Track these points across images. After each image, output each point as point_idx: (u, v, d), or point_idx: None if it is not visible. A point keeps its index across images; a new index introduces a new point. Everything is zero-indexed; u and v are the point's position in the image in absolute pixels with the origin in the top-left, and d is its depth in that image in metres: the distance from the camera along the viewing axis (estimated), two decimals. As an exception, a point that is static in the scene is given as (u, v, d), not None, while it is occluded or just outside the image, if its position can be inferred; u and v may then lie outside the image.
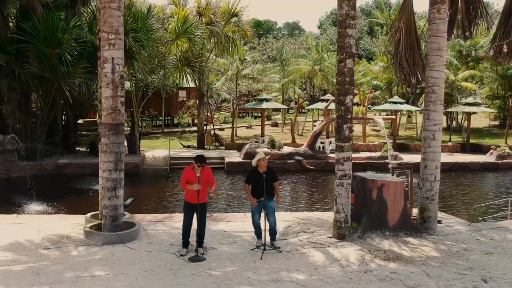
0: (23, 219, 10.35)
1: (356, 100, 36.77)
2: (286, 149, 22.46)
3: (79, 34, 19.19)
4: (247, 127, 37.35)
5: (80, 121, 15.35)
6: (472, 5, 10.39)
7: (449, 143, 28.47)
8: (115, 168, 8.74)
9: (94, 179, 18.21)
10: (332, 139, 25.93)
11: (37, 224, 9.88)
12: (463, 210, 15.11)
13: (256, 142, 25.08)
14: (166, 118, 38.13)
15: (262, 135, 27.23)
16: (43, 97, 20.20)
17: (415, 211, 10.33)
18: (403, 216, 9.26)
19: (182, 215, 8.24)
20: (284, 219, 10.45)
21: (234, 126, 30.58)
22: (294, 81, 30.67)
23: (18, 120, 20.13)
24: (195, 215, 8.00)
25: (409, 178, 10.65)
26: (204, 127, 29.38)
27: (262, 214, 8.36)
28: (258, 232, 8.45)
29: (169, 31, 21.91)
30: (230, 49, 25.84)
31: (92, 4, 22.95)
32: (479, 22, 10.60)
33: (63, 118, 24.27)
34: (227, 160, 21.97)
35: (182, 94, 38.64)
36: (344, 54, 8.60)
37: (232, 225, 9.98)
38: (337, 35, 8.84)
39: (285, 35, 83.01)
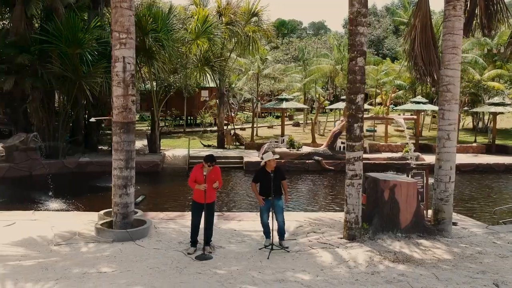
0: (39, 216, 10.55)
1: (378, 100, 36.38)
2: (305, 149, 22.32)
3: (100, 34, 19.50)
4: (269, 127, 37.32)
5: (92, 119, 15.52)
6: (492, 1, 10.10)
7: (474, 144, 27.82)
8: (126, 166, 8.83)
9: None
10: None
11: (52, 220, 10.06)
12: (485, 213, 14.72)
13: (276, 142, 25.02)
14: (188, 118, 38.40)
15: (282, 135, 27.15)
16: (65, 96, 20.57)
17: (430, 212, 10.11)
18: (416, 218, 9.08)
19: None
20: (295, 219, 10.38)
21: (255, 125, 30.58)
22: (315, 80, 30.44)
23: (41, 119, 20.55)
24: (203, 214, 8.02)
25: (425, 179, 10.44)
26: (225, 127, 29.47)
27: (271, 213, 8.34)
28: (266, 231, 8.42)
29: (189, 31, 22.04)
30: (251, 49, 25.83)
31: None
32: (500, 19, 10.29)
33: (86, 118, 24.62)
34: (245, 159, 21.97)
35: (205, 94, 38.81)
36: (355, 52, 8.48)
37: (243, 224, 9.96)
38: (348, 33, 8.72)
39: (310, 34, 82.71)
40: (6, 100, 21.46)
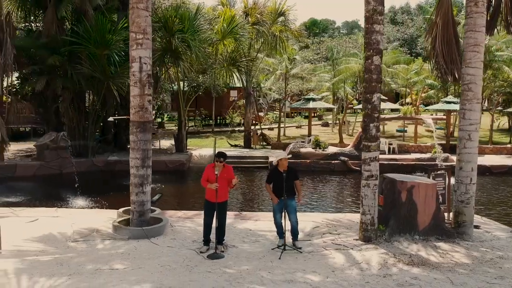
0: (61, 213, 10.82)
1: (409, 99, 35.66)
2: (331, 149, 22.11)
3: (127, 35, 19.82)
4: (297, 127, 37.17)
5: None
6: (518, -3, 9.75)
7: (509, 145, 26.91)
8: (142, 165, 8.96)
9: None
10: (382, 139, 25.28)
11: (73, 217, 10.31)
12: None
13: (302, 141, 24.88)
14: (217, 118, 38.67)
15: (309, 135, 26.99)
16: (95, 96, 21.06)
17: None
18: (435, 220, 8.85)
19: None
20: (312, 219, 10.29)
21: (282, 125, 30.48)
22: (344, 80, 30.11)
23: (72, 119, 21.10)
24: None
25: (447, 180, 10.18)
26: (253, 127, 29.53)
27: (285, 213, 8.30)
28: (279, 231, 8.38)
29: (214, 31, 22.19)
30: (278, 48, 25.79)
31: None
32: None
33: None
34: (271, 159, 21.90)
35: (234, 94, 39.02)
36: (371, 50, 8.34)
37: (259, 224, 9.94)
38: (364, 31, 8.58)
39: (343, 34, 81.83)
40: (39, 100, 22.18)
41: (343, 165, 21.25)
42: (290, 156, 8.50)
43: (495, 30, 10.12)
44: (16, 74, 23.19)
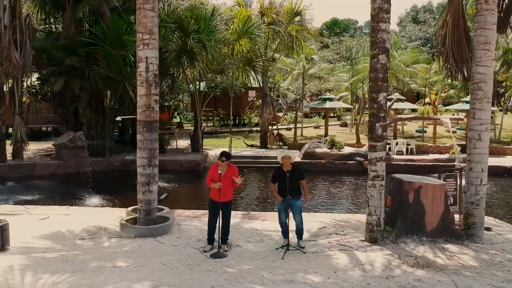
0: (72, 211, 10.99)
1: (428, 99, 35.12)
2: (347, 150, 21.90)
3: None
4: (315, 127, 36.97)
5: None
6: (532, -7, 9.51)
7: (531, 146, 26.23)
8: (149, 164, 9.04)
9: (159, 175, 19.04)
10: (399, 140, 24.97)
11: (83, 215, 10.46)
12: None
13: (319, 142, 24.73)
14: (235, 118, 38.72)
15: (326, 135, 26.81)
16: (111, 96, 21.32)
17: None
18: (443, 221, 8.69)
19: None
20: (320, 220, 10.23)
21: (299, 126, 30.33)
22: (362, 80, 29.82)
23: (89, 119, 21.41)
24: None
25: (458, 181, 9.98)
26: (270, 127, 29.47)
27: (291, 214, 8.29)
28: (284, 231, 8.36)
29: (230, 31, 22.24)
30: (295, 48, 25.70)
31: (160, 8, 23.86)
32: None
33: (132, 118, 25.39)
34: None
35: (252, 94, 39.01)
36: (377, 49, 8.24)
37: (266, 223, 9.91)
38: (370, 29, 8.48)
39: (364, 33, 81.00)
40: (58, 100, 22.60)
41: (359, 166, 21.02)
42: (288, 155, 8.35)
43: (508, 28, 9.86)
44: (36, 75, 23.71)
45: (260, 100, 27.28)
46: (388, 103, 24.94)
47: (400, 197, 8.78)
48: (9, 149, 19.51)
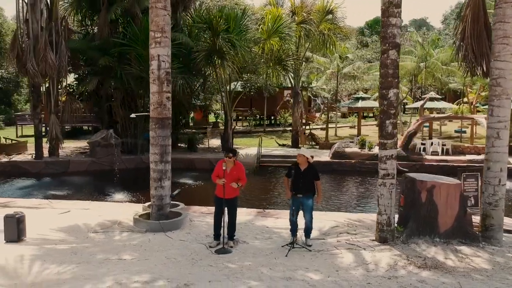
0: (92, 206, 11.33)
1: (466, 99, 33.87)
2: (377, 150, 21.43)
3: (174, 36, 20.36)
4: (351, 127, 36.46)
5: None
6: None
7: None
8: (161, 160, 9.19)
9: (186, 173, 19.37)
10: (435, 140, 24.25)
11: (102, 210, 10.77)
12: None
13: (351, 141, 24.37)
14: (270, 118, 38.76)
15: (358, 134, 26.41)
16: (143, 95, 21.78)
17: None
18: (458, 222, 8.38)
19: None
20: (334, 219, 10.09)
21: (332, 126, 29.98)
22: (399, 78, 29.14)
23: (123, 117, 21.97)
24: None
25: (479, 181, 9.62)
26: (303, 126, 29.33)
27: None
28: (292, 229, 8.30)
29: (259, 30, 22.27)
30: (327, 47, 25.43)
31: (192, 9, 24.23)
32: None
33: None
34: (314, 159, 21.62)
35: (287, 93, 38.90)
36: (387, 45, 8.04)
37: (278, 221, 9.86)
38: (380, 24, 8.29)
39: (410, 32, 79.05)
40: (94, 99, 23.34)
41: (390, 166, 20.55)
42: (304, 154, 8.26)
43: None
44: (74, 75, 24.60)
45: (291, 100, 27.14)
46: (421, 102, 24.34)
47: (413, 196, 8.55)
48: (46, 147, 20.30)
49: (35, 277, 6.57)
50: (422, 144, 23.48)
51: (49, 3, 19.36)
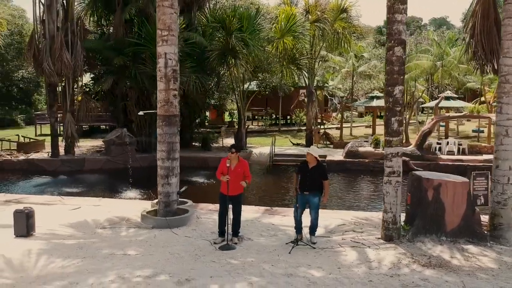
0: (103, 202, 11.48)
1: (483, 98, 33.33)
2: (391, 149, 21.25)
3: (188, 36, 20.52)
4: (366, 126, 36.17)
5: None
6: None
7: None
8: (168, 157, 9.29)
9: (199, 171, 19.48)
10: (450, 139, 23.95)
11: (112, 207, 10.91)
12: None
13: (365, 141, 24.20)
14: (285, 117, 38.71)
15: (373, 134, 26.20)
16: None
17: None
18: (465, 221, 8.27)
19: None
20: (341, 217, 10.05)
21: (347, 125, 29.79)
22: (415, 78, 28.82)
23: (137, 116, 22.18)
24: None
25: (489, 180, 9.46)
26: (318, 126, 29.23)
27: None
28: (297, 226, 8.29)
29: (272, 29, 22.28)
30: (342, 46, 25.30)
31: (206, 8, 24.35)
32: None
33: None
34: (328, 158, 21.58)
35: (302, 93, 38.82)
36: (393, 41, 7.99)
37: (285, 219, 9.84)
38: (386, 21, 8.23)
39: (429, 31, 78.12)
40: (109, 99, 23.62)
41: (404, 165, 20.30)
42: (312, 153, 8.24)
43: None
44: (91, 75, 24.94)
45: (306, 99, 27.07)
46: (435, 101, 24.02)
47: (419, 195, 8.47)
48: (62, 145, 20.65)
49: (40, 271, 6.70)
50: (438, 143, 23.21)
51: (65, 4, 19.67)
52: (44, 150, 22.02)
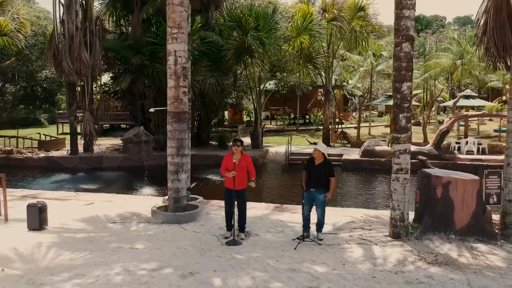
0: (115, 198, 11.68)
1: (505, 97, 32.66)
2: (408, 148, 21.02)
3: (205, 35, 20.67)
4: (385, 126, 35.82)
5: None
6: None
7: None
8: (177, 153, 9.40)
9: (213, 169, 19.59)
10: (470, 139, 23.57)
11: (124, 202, 11.09)
12: None
13: (383, 140, 24.01)
14: (304, 117, 38.62)
15: (391, 133, 25.93)
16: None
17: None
18: (475, 219, 8.15)
19: (248, 203, 8.57)
20: (351, 214, 10.02)
21: (365, 125, 29.54)
22: (435, 76, 28.40)
23: (155, 115, 22.43)
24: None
25: (501, 178, 9.30)
26: (337, 125, 29.11)
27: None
28: (304, 224, 8.28)
29: (288, 28, 22.29)
30: (360, 44, 25.14)
31: (224, 7, 24.48)
32: None
33: (197, 115, 26.10)
34: (344, 157, 21.48)
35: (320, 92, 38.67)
36: (400, 37, 7.93)
37: (294, 216, 9.84)
38: (394, 17, 8.17)
39: (453, 30, 76.92)
40: (128, 97, 23.96)
41: (421, 165, 20.08)
42: (320, 149, 8.23)
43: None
44: (111, 74, 25.33)
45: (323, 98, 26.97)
46: (453, 100, 23.65)
47: (428, 192, 8.39)
48: (82, 143, 21.04)
49: (49, 262, 6.87)
50: (457, 143, 22.89)
51: (84, 4, 20.02)
52: (64, 148, 22.50)
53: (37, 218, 8.50)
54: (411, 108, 8.21)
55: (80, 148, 20.89)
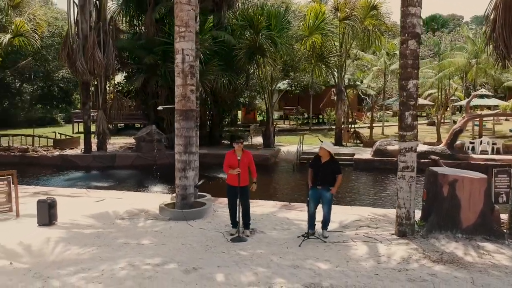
0: (125, 195, 11.84)
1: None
2: (421, 148, 20.81)
3: (216, 34, 20.78)
4: (399, 126, 35.58)
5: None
6: None
7: None
8: (185, 151, 9.48)
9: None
10: (484, 139, 23.30)
11: (134, 199, 11.23)
12: None
13: (396, 139, 23.85)
14: (317, 116, 38.53)
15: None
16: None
17: None
18: (482, 218, 8.08)
19: (256, 201, 8.63)
20: (358, 213, 10.00)
21: (379, 125, 29.35)
22: (449, 76, 28.09)
23: (168, 114, 22.62)
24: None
25: (511, 178, 9.21)
26: (349, 125, 28.98)
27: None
28: (310, 223, 8.29)
29: (299, 27, 22.28)
30: (373, 43, 24.99)
31: (236, 7, 24.57)
32: None
33: (210, 115, 26.25)
34: (356, 156, 21.40)
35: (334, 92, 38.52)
36: (406, 34, 7.90)
37: (301, 214, 9.85)
38: (400, 14, 8.14)
39: (471, 29, 76.06)
40: (141, 97, 24.20)
41: (434, 164, 19.92)
42: (326, 147, 8.23)
43: None
44: (124, 74, 25.61)
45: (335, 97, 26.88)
46: (467, 99, 23.37)
47: (435, 190, 8.34)
48: (95, 142, 21.31)
49: (56, 257, 7.01)
50: (471, 143, 22.66)
51: (98, 5, 20.28)
52: (78, 147, 22.81)
53: (47, 213, 8.66)
54: (417, 105, 8.17)
55: (94, 147, 21.17)
